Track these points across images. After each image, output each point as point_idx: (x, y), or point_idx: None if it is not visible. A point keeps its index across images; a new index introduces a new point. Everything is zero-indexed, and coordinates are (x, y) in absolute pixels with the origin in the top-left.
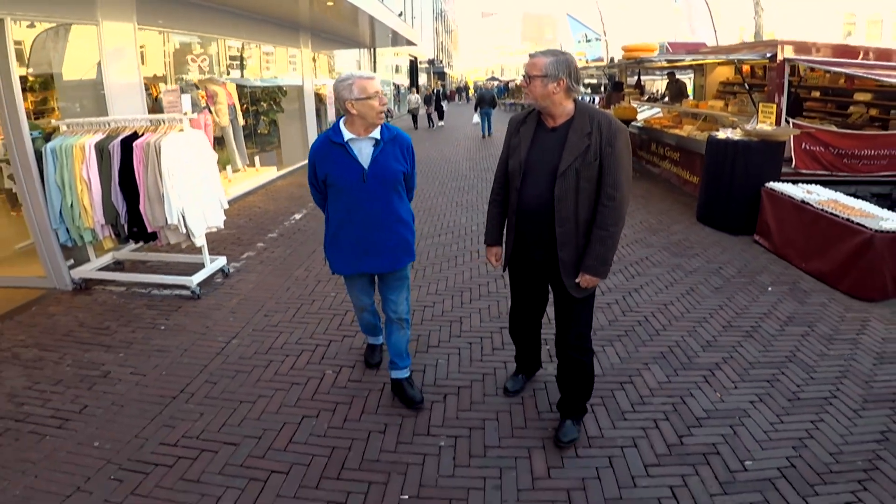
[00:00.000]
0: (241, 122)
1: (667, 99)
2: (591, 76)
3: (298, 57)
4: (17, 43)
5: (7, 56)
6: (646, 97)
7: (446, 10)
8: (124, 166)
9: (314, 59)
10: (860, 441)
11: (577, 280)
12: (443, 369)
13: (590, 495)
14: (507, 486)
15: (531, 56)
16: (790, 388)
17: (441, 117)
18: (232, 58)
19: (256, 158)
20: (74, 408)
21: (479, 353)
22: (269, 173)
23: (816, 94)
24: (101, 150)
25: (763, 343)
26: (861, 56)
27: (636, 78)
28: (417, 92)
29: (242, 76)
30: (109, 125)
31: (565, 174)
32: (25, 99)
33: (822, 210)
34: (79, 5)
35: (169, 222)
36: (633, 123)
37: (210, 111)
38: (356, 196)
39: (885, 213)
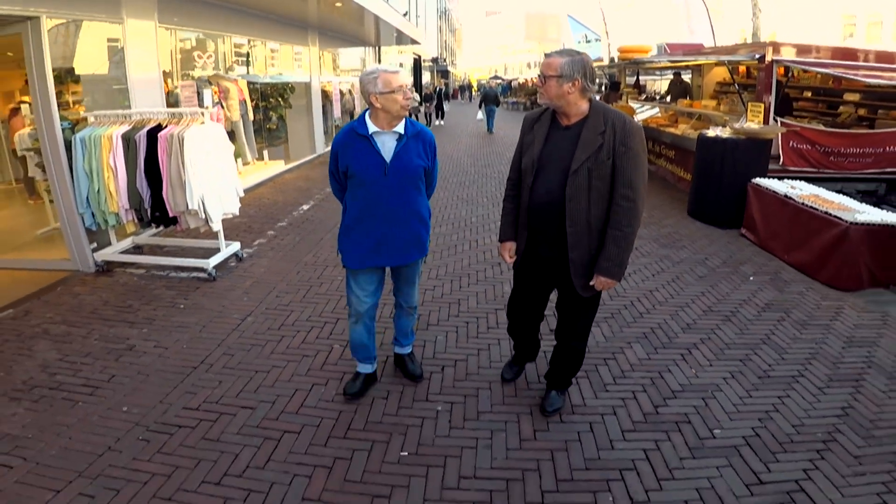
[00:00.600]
0: (251, 117)
1: (669, 98)
2: (606, 76)
3: (306, 55)
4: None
5: (42, 51)
6: (644, 96)
7: (450, 8)
8: (149, 155)
9: (320, 57)
10: (822, 416)
11: (591, 282)
12: (441, 344)
13: (571, 455)
14: (497, 445)
15: (546, 56)
16: (761, 367)
17: (441, 116)
18: (243, 55)
19: (265, 152)
20: (103, 377)
21: (475, 330)
22: (278, 167)
23: (808, 94)
24: (128, 140)
25: (740, 327)
26: (853, 58)
27: (635, 78)
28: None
29: (252, 73)
30: (132, 117)
31: (577, 172)
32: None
33: (804, 204)
34: (107, 4)
35: (189, 207)
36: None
37: (222, 106)
38: (376, 189)
39: (862, 206)
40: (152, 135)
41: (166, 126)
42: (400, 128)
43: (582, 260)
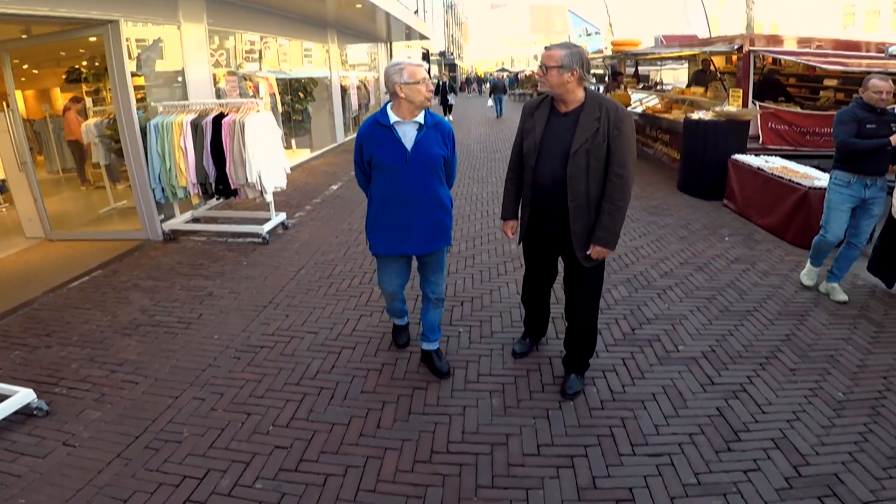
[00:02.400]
0: (280, 109)
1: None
2: (598, 67)
3: (327, 51)
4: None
5: (122, 51)
6: (641, 85)
7: (456, 2)
8: (214, 138)
9: (339, 55)
10: (768, 340)
11: (588, 252)
12: (460, 287)
13: (555, 364)
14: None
15: (547, 49)
16: (723, 304)
17: (449, 111)
18: (272, 53)
19: (293, 141)
20: (193, 316)
21: (487, 276)
22: (304, 154)
23: (793, 80)
24: (195, 126)
25: (710, 274)
26: (815, 46)
27: (634, 69)
28: None
29: (280, 70)
30: (191, 107)
31: (577, 154)
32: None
33: (772, 174)
34: (168, 9)
35: (249, 181)
36: (630, 109)
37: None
38: (398, 177)
39: (822, 174)
40: (217, 121)
41: (228, 114)
42: (420, 118)
43: (583, 230)
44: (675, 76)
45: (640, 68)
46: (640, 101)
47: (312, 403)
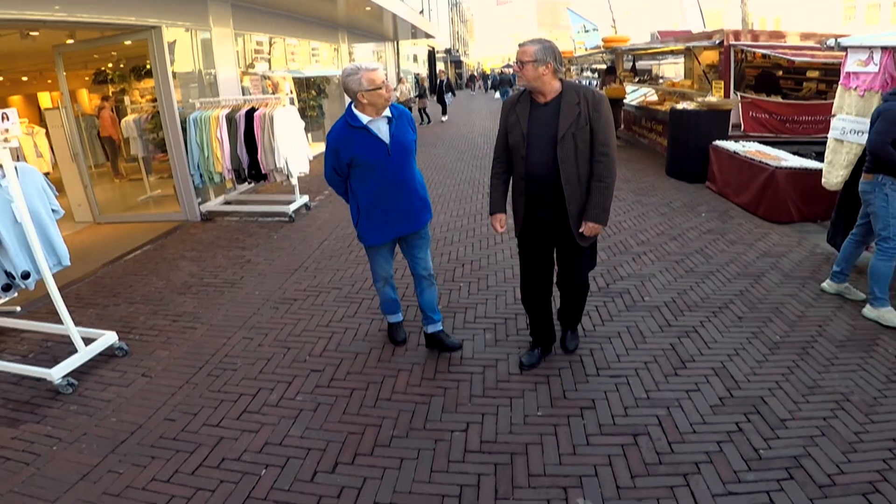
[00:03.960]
0: (296, 105)
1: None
2: (601, 62)
3: (336, 51)
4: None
5: (164, 53)
6: (637, 79)
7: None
8: (247, 129)
9: (349, 53)
10: (723, 294)
11: (580, 230)
12: (462, 253)
13: None
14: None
15: (521, 45)
16: (689, 265)
17: (444, 111)
18: (288, 53)
19: (308, 135)
20: (235, 278)
21: (485, 245)
22: (320, 147)
23: (780, 73)
24: (230, 119)
25: (682, 243)
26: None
27: (632, 63)
28: (405, 79)
29: (296, 69)
30: (224, 102)
31: (564, 139)
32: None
33: (746, 156)
34: (200, 15)
35: (277, 166)
36: (628, 102)
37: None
38: (383, 171)
39: (789, 156)
40: (249, 114)
41: (258, 108)
42: (387, 112)
43: (577, 211)
44: (677, 70)
45: (640, 63)
46: (644, 96)
47: (339, 339)
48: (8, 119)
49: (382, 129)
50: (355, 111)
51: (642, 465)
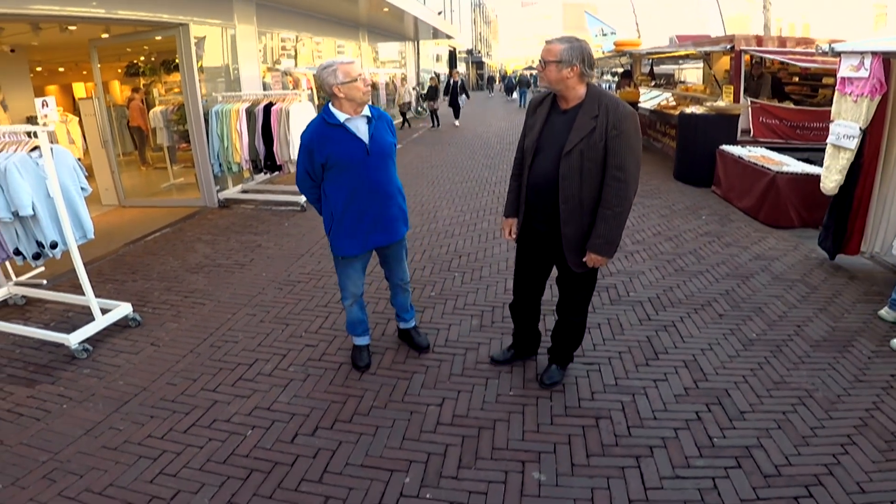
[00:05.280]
0: (317, 102)
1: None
2: (619, 65)
3: (358, 49)
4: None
5: (191, 50)
6: (653, 83)
7: (485, 0)
8: (265, 122)
9: (370, 52)
10: (709, 293)
11: (583, 259)
12: (461, 245)
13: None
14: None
15: (547, 42)
16: (680, 265)
17: (457, 115)
18: (309, 51)
19: None
20: (245, 260)
21: (485, 238)
22: None
23: (796, 78)
24: (249, 113)
25: (677, 243)
26: (796, 45)
27: (649, 67)
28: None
29: (316, 66)
30: (244, 97)
31: (570, 154)
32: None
33: (749, 161)
34: (226, 12)
35: (291, 158)
36: (643, 107)
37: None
38: (361, 171)
39: (793, 162)
40: (267, 109)
41: (276, 103)
42: (366, 112)
43: (574, 235)
44: (697, 75)
45: (661, 68)
46: (666, 100)
47: (335, 319)
48: (47, 106)
49: (361, 128)
50: (332, 108)
51: (599, 446)
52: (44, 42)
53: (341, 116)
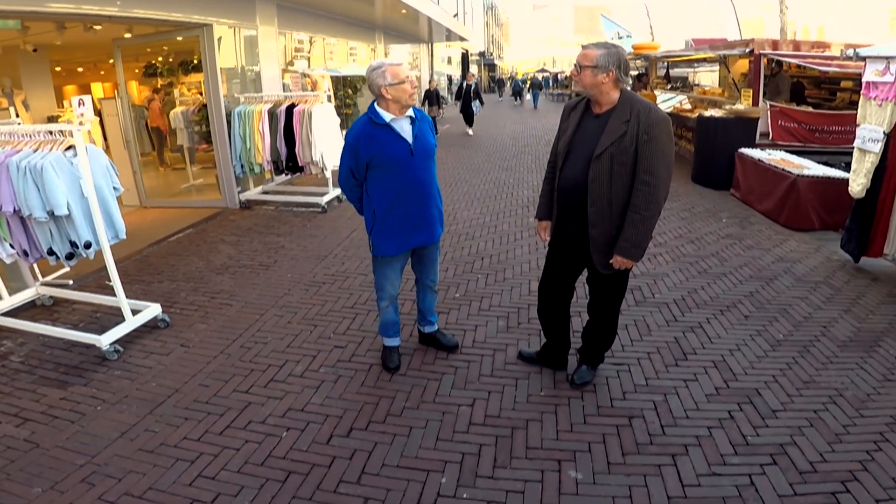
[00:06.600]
0: (333, 103)
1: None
2: (635, 69)
3: (373, 51)
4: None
5: (214, 50)
6: (669, 86)
7: (497, 3)
8: (287, 124)
9: (385, 54)
10: (733, 295)
11: (610, 261)
12: (484, 246)
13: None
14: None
15: (583, 47)
16: (703, 267)
17: (470, 122)
18: (326, 52)
19: (344, 132)
20: (270, 261)
21: (506, 240)
22: None
23: (814, 89)
24: (271, 114)
25: (699, 246)
26: (813, 49)
27: (665, 71)
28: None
29: (333, 68)
30: (266, 98)
31: (600, 158)
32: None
33: (769, 164)
34: (248, 14)
35: (313, 160)
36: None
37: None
38: (405, 171)
39: (813, 165)
40: (289, 110)
41: (298, 104)
42: (411, 112)
43: (602, 238)
44: (713, 78)
45: (676, 71)
46: (680, 104)
47: (363, 320)
48: (83, 105)
49: (405, 129)
50: (378, 108)
51: (634, 445)
52: (67, 42)
53: (387, 117)
